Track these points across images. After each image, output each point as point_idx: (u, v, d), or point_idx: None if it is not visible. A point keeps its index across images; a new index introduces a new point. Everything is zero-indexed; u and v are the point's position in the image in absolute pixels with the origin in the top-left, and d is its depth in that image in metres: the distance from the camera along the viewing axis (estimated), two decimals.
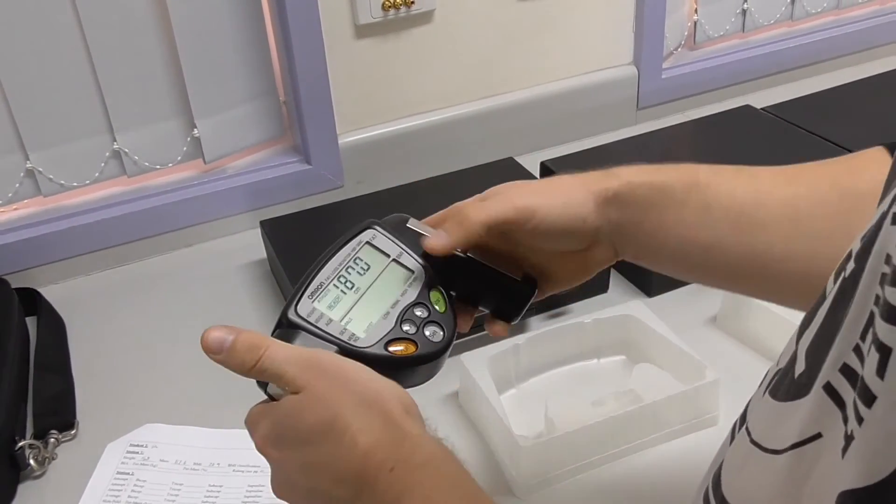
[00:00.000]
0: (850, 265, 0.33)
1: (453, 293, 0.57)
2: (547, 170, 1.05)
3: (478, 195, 0.59)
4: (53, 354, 0.87)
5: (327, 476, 0.47)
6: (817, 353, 0.33)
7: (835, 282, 0.34)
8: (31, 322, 0.93)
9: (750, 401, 0.40)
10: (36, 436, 0.76)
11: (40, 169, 0.97)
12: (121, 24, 0.94)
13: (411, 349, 0.53)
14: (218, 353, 0.49)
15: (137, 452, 0.75)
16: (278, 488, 0.50)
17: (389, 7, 1.04)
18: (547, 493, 0.69)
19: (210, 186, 1.06)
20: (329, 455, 0.46)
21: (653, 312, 0.81)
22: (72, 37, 0.93)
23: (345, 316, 0.53)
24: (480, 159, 1.08)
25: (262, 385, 0.50)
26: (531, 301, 0.59)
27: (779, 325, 0.75)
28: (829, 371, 0.31)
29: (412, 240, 0.57)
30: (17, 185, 0.98)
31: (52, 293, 0.97)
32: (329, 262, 0.55)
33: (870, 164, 0.52)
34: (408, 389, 0.51)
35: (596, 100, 1.23)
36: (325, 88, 1.05)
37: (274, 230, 0.96)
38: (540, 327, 0.86)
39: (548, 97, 1.20)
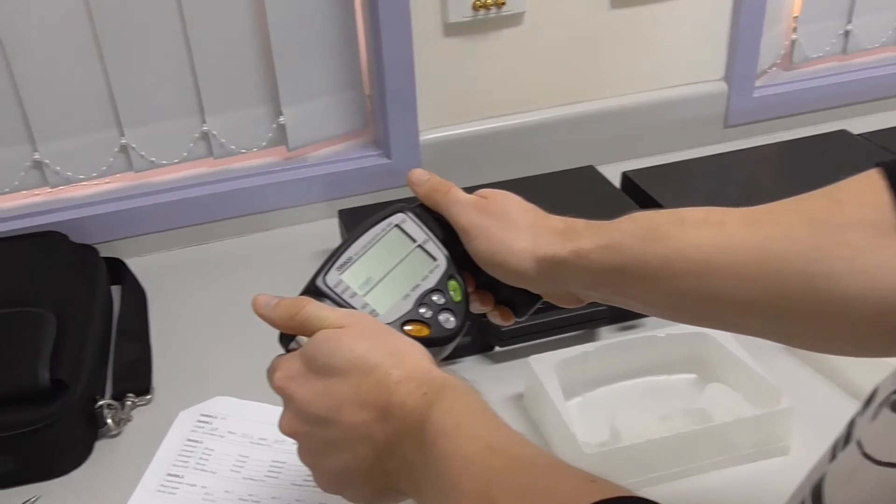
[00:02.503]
0: None
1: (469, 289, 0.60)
2: (628, 181, 1.04)
3: (485, 191, 0.61)
4: (134, 323, 0.91)
5: (348, 401, 0.48)
6: None
7: None
8: (115, 291, 0.96)
9: (853, 420, 0.40)
10: (114, 397, 0.79)
11: (133, 145, 1.01)
12: (219, 12, 0.97)
13: (425, 332, 0.56)
14: (265, 309, 0.54)
15: (207, 422, 0.77)
16: (287, 423, 0.51)
17: (480, 7, 1.05)
18: None
19: (291, 174, 1.08)
20: (354, 385, 0.48)
21: (728, 333, 0.79)
22: (172, 21, 0.96)
23: (368, 292, 0.56)
24: (560, 165, 1.08)
25: (286, 342, 0.54)
26: (539, 303, 0.62)
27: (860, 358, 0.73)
28: None
29: (439, 228, 0.60)
30: (111, 159, 1.01)
31: (135, 265, 1.00)
32: (360, 239, 0.58)
33: (852, 194, 0.50)
34: None
35: (683, 114, 1.21)
36: (411, 85, 1.06)
37: (351, 220, 0.98)
38: (611, 337, 0.86)
39: (633, 108, 1.18)
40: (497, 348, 0.85)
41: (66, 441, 0.73)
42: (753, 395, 0.74)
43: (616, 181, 1.05)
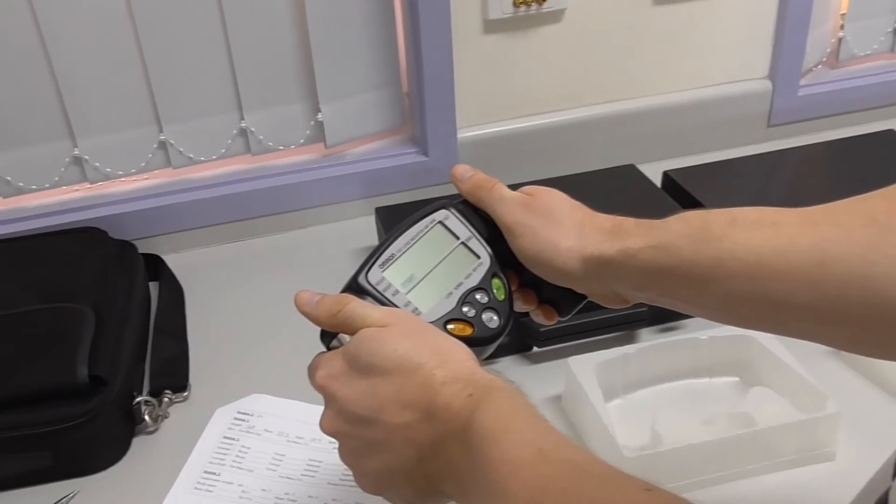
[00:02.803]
0: None
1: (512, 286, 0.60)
2: (670, 180, 1.03)
3: (530, 188, 0.60)
4: (172, 319, 0.91)
5: (391, 402, 0.47)
6: None
7: None
8: (152, 287, 0.97)
9: None
10: (151, 393, 0.80)
11: (172, 141, 1.01)
12: (258, 9, 0.97)
13: (468, 331, 0.55)
14: (307, 306, 0.53)
15: (244, 420, 0.77)
16: (329, 422, 0.51)
17: (521, 3, 1.04)
18: None
19: (328, 171, 1.08)
20: (398, 385, 0.47)
21: (772, 335, 0.77)
22: (212, 17, 0.96)
23: (411, 290, 0.56)
24: (600, 164, 1.07)
25: (327, 340, 0.53)
26: (583, 302, 0.61)
27: None
28: None
29: (482, 225, 0.59)
30: (150, 155, 1.02)
31: (173, 261, 1.01)
32: (402, 236, 0.58)
33: None
34: None
35: (726, 112, 1.19)
36: (449, 82, 1.05)
37: (389, 217, 0.97)
38: (651, 339, 0.84)
39: (675, 106, 1.17)
40: (535, 349, 0.83)
41: (104, 437, 0.74)
42: (798, 400, 0.72)
43: (657, 180, 1.04)
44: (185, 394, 0.81)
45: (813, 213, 0.50)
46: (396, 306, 0.54)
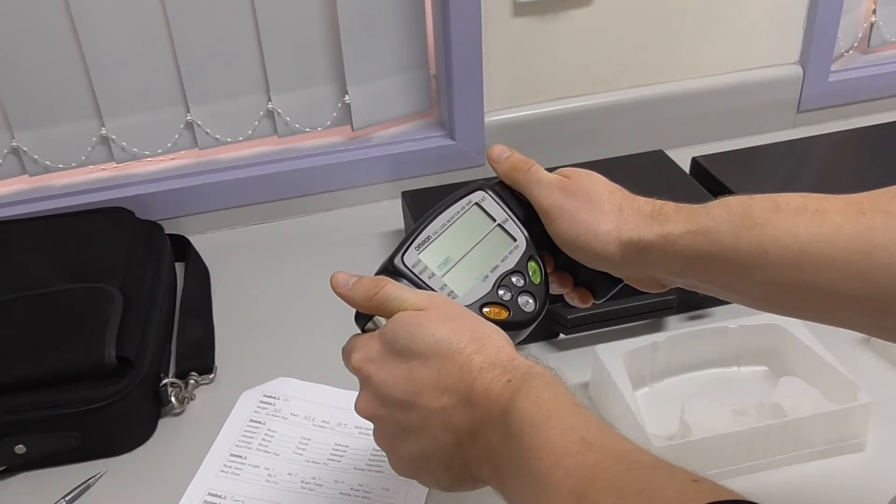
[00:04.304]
0: None
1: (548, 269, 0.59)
2: (698, 166, 1.01)
3: (568, 171, 0.59)
4: (198, 301, 0.91)
5: (429, 386, 0.47)
6: None
7: None
8: (178, 268, 0.97)
9: None
10: (178, 375, 0.80)
11: (199, 122, 1.01)
12: None
13: (504, 315, 0.55)
14: (344, 288, 0.52)
15: (270, 403, 0.77)
16: (365, 405, 0.50)
17: None
18: None
19: (355, 154, 1.08)
20: (435, 369, 0.47)
21: (802, 324, 0.76)
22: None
23: (447, 272, 0.55)
24: (628, 149, 1.05)
25: (362, 322, 0.53)
26: (619, 286, 0.60)
27: None
28: None
29: (519, 207, 0.59)
30: (177, 136, 1.02)
31: (199, 242, 1.01)
32: (438, 218, 0.57)
33: None
34: None
35: (755, 98, 1.18)
36: (478, 65, 1.04)
37: (415, 201, 0.97)
38: (679, 327, 0.84)
39: (704, 91, 1.15)
40: (561, 336, 0.83)
41: (131, 419, 0.74)
42: (829, 390, 0.71)
43: (686, 166, 1.02)
44: (211, 376, 0.81)
45: (859, 200, 0.49)
46: (432, 289, 0.54)
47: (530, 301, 0.56)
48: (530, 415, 0.43)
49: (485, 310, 0.54)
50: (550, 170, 0.59)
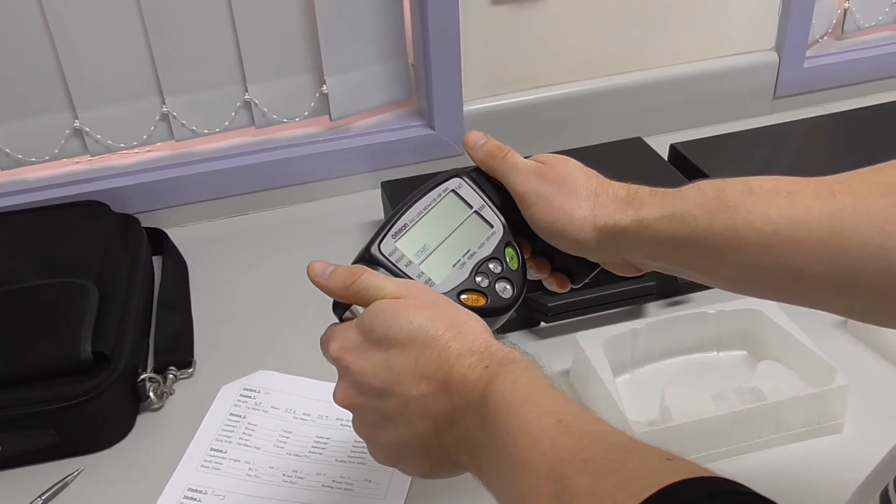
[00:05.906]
0: None
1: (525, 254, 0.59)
2: (676, 153, 1.02)
3: (544, 157, 0.59)
4: (176, 294, 0.90)
5: (407, 374, 0.47)
6: None
7: None
8: (156, 262, 0.96)
9: None
10: (156, 370, 0.79)
11: (174, 114, 1.00)
12: None
13: (481, 301, 0.55)
14: (321, 277, 0.52)
15: (250, 397, 0.77)
16: (343, 394, 0.50)
17: None
18: None
19: (334, 144, 1.07)
20: (413, 357, 0.47)
21: (780, 308, 0.77)
22: None
23: (424, 260, 0.55)
24: (607, 137, 1.05)
25: (340, 311, 0.53)
26: (596, 270, 0.61)
27: None
28: None
29: (495, 194, 0.59)
30: (152, 127, 1.00)
31: (176, 235, 1.00)
32: (415, 205, 0.57)
33: None
34: None
35: (732, 85, 1.18)
36: (456, 54, 1.04)
37: (395, 191, 0.96)
38: (659, 314, 0.84)
39: (681, 78, 1.16)
40: (542, 324, 0.83)
41: (109, 414, 0.73)
42: (807, 373, 0.72)
43: (664, 153, 1.03)
44: (190, 370, 0.81)
45: (830, 183, 0.50)
46: (410, 277, 0.54)
47: (508, 287, 0.56)
48: (507, 399, 0.43)
49: (462, 297, 0.54)
50: (528, 157, 0.59)
